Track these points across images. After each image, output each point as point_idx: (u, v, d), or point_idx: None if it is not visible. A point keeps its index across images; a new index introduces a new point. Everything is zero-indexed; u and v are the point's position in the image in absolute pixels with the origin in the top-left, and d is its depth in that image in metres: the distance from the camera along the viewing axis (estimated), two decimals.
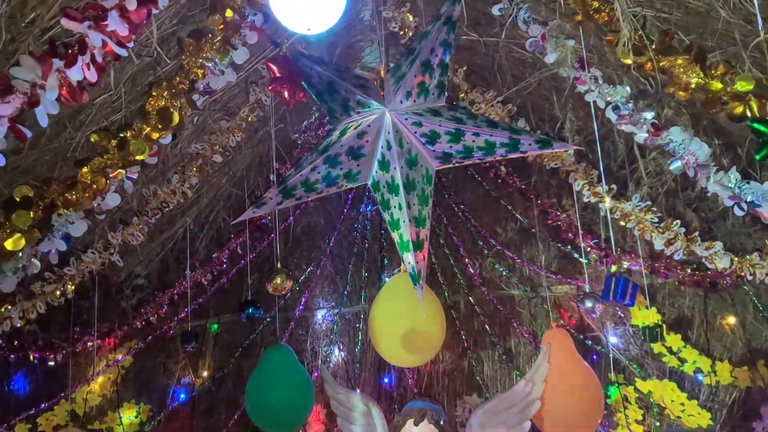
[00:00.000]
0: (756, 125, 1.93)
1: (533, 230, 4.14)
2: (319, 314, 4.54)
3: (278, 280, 2.97)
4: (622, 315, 4.17)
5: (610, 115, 2.61)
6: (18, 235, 1.96)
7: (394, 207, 2.50)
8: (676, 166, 2.59)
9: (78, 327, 4.22)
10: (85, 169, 2.08)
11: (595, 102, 2.74)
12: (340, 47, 3.74)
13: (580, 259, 4.02)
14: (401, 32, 3.28)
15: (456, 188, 4.43)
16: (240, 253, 4.22)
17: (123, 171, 2.15)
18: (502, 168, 4.06)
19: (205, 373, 4.49)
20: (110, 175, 2.11)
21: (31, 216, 1.97)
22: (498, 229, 4.37)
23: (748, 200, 2.50)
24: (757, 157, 1.99)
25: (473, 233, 4.37)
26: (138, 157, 2.13)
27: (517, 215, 4.19)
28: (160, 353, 4.54)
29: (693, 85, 2.03)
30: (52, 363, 4.21)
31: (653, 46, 2.06)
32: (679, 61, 2.01)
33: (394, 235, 2.54)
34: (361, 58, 4.06)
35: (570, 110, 3.36)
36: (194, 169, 3.28)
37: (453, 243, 4.40)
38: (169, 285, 4.24)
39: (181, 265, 4.20)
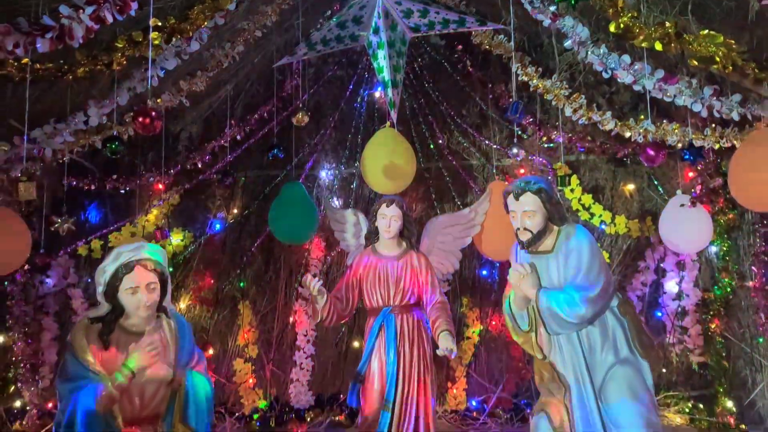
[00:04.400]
0: None
1: (488, 111, 5.48)
2: (323, 173, 5.91)
3: (300, 115, 4.32)
4: (552, 179, 5.54)
5: (527, 6, 3.90)
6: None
7: (381, 58, 3.82)
8: (567, 44, 3.90)
9: (142, 169, 5.61)
10: (190, 12, 3.38)
11: None
12: None
13: (522, 135, 5.40)
14: None
15: (433, 78, 5.74)
16: (267, 118, 5.54)
17: (213, 14, 3.45)
18: (468, 61, 5.35)
19: (235, 211, 5.91)
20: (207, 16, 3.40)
21: (159, 36, 3.27)
22: (464, 111, 5.70)
23: (611, 67, 3.83)
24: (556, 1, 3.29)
25: (445, 114, 5.71)
26: (223, 4, 3.42)
27: (477, 100, 5.52)
28: (202, 194, 5.92)
29: None
30: (123, 192, 5.58)
31: None
32: None
33: (380, 77, 3.87)
34: None
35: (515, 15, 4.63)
36: (241, 40, 4.57)
37: (429, 121, 5.74)
38: (212, 139, 5.58)
39: (221, 124, 5.52)
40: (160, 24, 3.30)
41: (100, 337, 2.86)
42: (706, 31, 3.17)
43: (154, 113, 2.82)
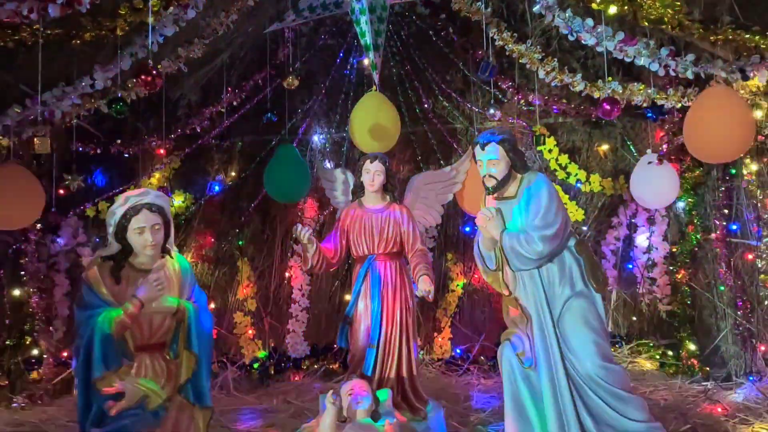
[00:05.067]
0: None
1: (470, 76, 5.79)
2: (316, 137, 6.24)
3: (290, 78, 4.65)
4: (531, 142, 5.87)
5: None
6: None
7: (364, 23, 4.13)
8: (536, 8, 4.20)
9: (145, 134, 5.94)
10: None
11: None
12: None
13: (502, 98, 5.71)
14: None
15: (419, 46, 6.03)
16: (261, 85, 5.84)
17: None
18: (451, 29, 5.64)
19: (233, 173, 6.26)
20: None
21: (158, 2, 3.58)
22: (447, 77, 6.01)
23: (576, 30, 4.14)
24: None
25: (429, 80, 6.02)
26: None
27: (460, 65, 5.82)
28: (201, 158, 6.27)
29: None
30: (127, 156, 5.92)
31: None
32: None
33: (363, 41, 4.19)
34: None
35: None
36: (235, 9, 4.87)
37: (415, 87, 6.05)
38: (210, 106, 5.89)
39: (218, 91, 5.83)
40: None
41: (112, 273, 3.22)
42: None
43: (154, 71, 3.15)
